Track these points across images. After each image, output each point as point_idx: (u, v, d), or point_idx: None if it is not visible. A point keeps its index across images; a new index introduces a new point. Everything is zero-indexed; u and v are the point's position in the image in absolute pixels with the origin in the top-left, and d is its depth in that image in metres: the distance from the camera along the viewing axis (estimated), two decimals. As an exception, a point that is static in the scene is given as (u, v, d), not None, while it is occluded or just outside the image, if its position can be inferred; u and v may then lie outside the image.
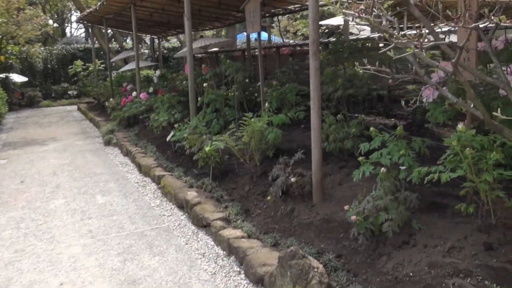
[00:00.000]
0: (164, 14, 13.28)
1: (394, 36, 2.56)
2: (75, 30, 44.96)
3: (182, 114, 9.57)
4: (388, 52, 2.67)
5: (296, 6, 11.19)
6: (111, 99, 13.74)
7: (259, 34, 7.28)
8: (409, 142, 4.33)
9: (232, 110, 9.00)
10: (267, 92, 7.96)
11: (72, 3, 25.52)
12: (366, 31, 11.37)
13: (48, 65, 23.19)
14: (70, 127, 14.14)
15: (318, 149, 4.81)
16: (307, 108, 8.09)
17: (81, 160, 9.20)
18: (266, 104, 6.31)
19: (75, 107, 19.59)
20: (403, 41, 2.53)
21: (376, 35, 9.69)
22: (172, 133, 7.95)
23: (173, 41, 30.52)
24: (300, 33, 23.75)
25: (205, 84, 8.88)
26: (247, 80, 9.47)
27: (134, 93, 12.82)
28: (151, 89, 12.96)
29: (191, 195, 5.73)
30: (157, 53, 19.13)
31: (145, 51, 25.10)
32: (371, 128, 4.48)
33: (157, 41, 19.39)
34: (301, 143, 6.99)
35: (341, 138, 5.54)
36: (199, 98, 9.14)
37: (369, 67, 2.97)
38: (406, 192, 3.96)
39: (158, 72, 13.32)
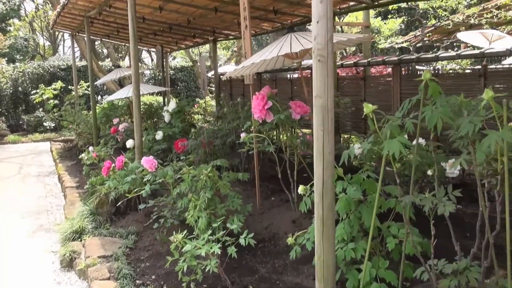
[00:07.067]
0: (185, 5, 7.35)
1: None
2: (68, 48, 38.98)
3: (243, 217, 3.62)
4: None
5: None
6: (90, 149, 7.67)
7: None
8: None
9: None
10: None
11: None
12: None
13: (19, 88, 16.95)
14: (23, 193, 7.99)
15: None
16: None
17: None
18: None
19: (49, 145, 13.44)
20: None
21: None
22: None
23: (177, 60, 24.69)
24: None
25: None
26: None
27: (130, 143, 6.77)
28: (159, 135, 6.95)
29: None
30: (164, 72, 13.00)
31: (145, 71, 19.09)
32: None
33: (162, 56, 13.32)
34: None
35: None
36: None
37: None
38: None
39: (172, 104, 7.34)
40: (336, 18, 7.39)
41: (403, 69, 7.32)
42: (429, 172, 3.60)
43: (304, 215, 4.19)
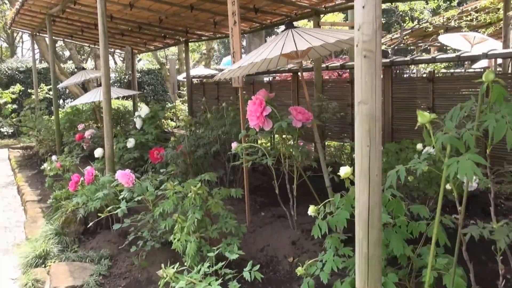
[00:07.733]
0: (158, 2, 6.77)
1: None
2: (27, 50, 37.15)
3: (237, 240, 3.09)
4: None
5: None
6: (53, 158, 6.94)
7: None
8: None
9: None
10: None
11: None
12: None
13: (-27, 92, 15.75)
14: (-24, 206, 7.18)
15: None
16: None
17: None
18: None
19: (7, 152, 12.43)
20: None
21: None
22: None
23: (141, 63, 23.75)
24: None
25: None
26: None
27: (99, 151, 6.13)
28: (130, 142, 6.33)
29: None
30: (130, 75, 12.25)
31: (110, 74, 18.14)
32: None
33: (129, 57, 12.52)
34: None
35: None
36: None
37: None
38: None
39: (145, 109, 6.72)
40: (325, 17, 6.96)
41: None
42: (448, 186, 3.18)
43: (306, 235, 3.69)
